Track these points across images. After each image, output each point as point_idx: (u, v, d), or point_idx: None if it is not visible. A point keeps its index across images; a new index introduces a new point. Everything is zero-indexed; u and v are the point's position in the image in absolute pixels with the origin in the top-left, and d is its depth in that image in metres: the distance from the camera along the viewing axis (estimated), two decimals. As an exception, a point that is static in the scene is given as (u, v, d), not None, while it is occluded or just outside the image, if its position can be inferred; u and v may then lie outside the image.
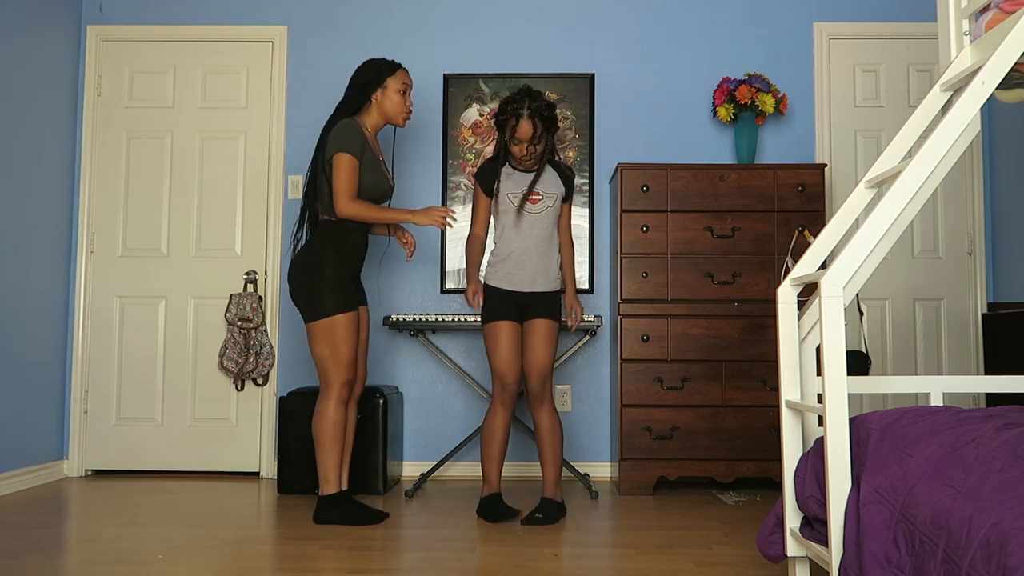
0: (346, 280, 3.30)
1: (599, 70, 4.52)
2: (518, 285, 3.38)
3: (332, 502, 3.27)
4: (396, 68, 3.40)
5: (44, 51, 4.25)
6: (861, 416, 2.08)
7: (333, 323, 3.22)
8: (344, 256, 3.30)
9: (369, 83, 3.36)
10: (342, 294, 3.26)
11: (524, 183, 3.39)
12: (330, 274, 3.25)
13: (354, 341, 3.28)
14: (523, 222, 3.37)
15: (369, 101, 3.38)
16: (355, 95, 3.37)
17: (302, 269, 3.28)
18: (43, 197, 4.24)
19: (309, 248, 3.31)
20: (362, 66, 3.43)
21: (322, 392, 3.29)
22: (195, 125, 4.54)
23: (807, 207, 4.00)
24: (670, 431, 3.93)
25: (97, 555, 2.85)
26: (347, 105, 3.38)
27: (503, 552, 2.89)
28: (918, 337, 4.45)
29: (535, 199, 3.37)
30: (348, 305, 3.26)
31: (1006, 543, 1.39)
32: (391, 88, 3.37)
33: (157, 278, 4.48)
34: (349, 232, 3.32)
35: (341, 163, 3.22)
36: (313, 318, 3.25)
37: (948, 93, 2.29)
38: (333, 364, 3.24)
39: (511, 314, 3.39)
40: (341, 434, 3.28)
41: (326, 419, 3.25)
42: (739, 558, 2.79)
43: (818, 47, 4.50)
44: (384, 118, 3.41)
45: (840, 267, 1.92)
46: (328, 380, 3.26)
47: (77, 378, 4.41)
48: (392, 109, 3.39)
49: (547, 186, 3.41)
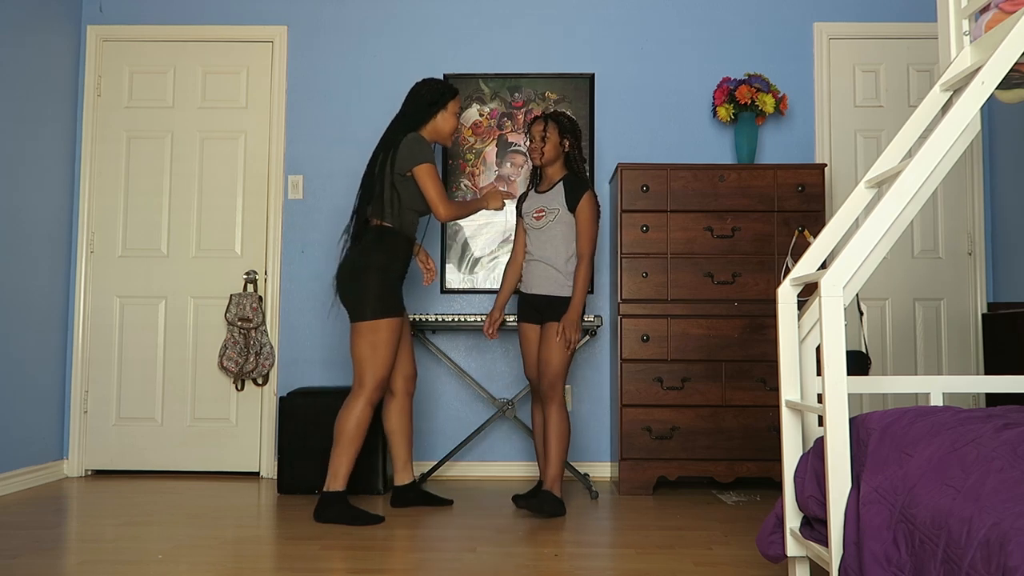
0: (394, 285, 3.43)
1: (599, 70, 4.52)
2: (530, 288, 3.64)
3: (336, 499, 3.32)
4: (456, 93, 3.60)
5: (44, 51, 4.25)
6: (861, 416, 2.08)
7: (378, 326, 3.34)
8: (395, 262, 3.44)
9: (435, 103, 3.54)
10: (391, 299, 3.39)
11: (537, 202, 3.67)
12: (380, 278, 3.37)
13: (395, 345, 3.40)
14: (533, 235, 3.66)
15: (430, 120, 3.53)
16: (419, 112, 3.53)
17: (353, 271, 3.39)
18: (43, 197, 4.24)
19: (362, 251, 3.42)
20: (425, 85, 3.58)
21: (354, 391, 3.37)
22: (195, 125, 4.54)
23: (807, 207, 4.00)
24: (670, 431, 3.93)
25: (97, 555, 2.85)
26: (409, 120, 3.52)
27: (503, 552, 2.89)
28: (918, 337, 4.45)
29: (539, 215, 3.63)
30: (395, 311, 3.39)
31: (1006, 543, 1.39)
32: (450, 111, 3.57)
33: (157, 278, 4.48)
34: (400, 240, 3.45)
35: (428, 173, 3.40)
36: (359, 319, 3.35)
37: (948, 93, 2.30)
38: (371, 366, 3.34)
39: (529, 316, 3.66)
40: (363, 435, 3.36)
41: (354, 417, 3.34)
42: (739, 558, 2.79)
43: (818, 47, 4.50)
44: (437, 136, 3.58)
45: (840, 267, 1.92)
46: (363, 380, 3.35)
47: (77, 378, 4.42)
48: (447, 130, 3.59)
49: (549, 202, 3.62)
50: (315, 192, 4.49)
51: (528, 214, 3.68)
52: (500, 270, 4.43)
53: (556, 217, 3.59)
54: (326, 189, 4.49)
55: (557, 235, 3.58)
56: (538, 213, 3.63)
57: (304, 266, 4.47)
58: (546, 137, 3.61)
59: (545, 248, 3.60)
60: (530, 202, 3.71)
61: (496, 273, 4.43)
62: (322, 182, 4.49)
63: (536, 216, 3.63)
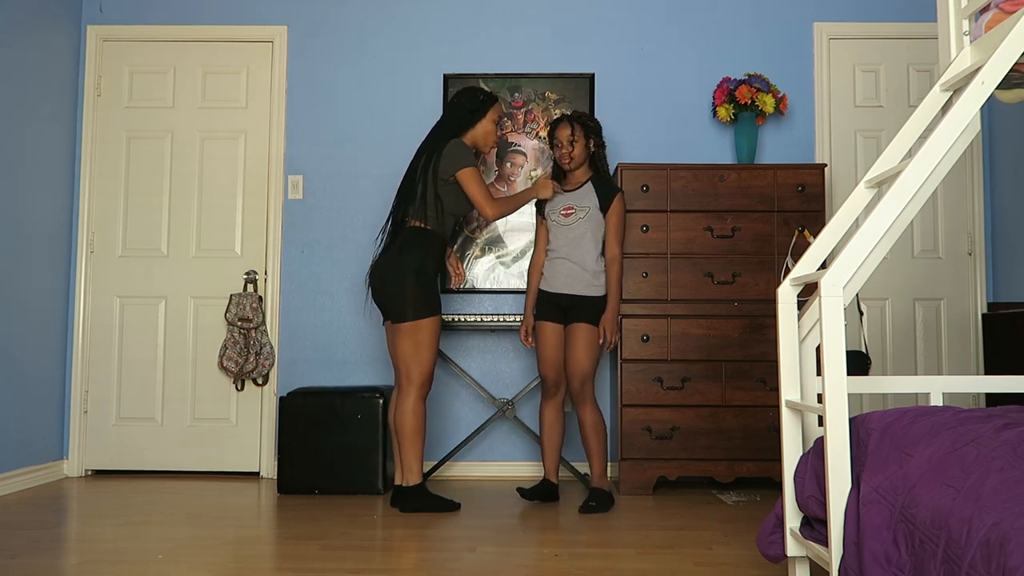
0: (431, 285, 3.53)
1: (599, 70, 4.52)
2: (555, 287, 3.67)
3: (417, 492, 3.49)
4: (495, 100, 3.70)
5: (44, 51, 4.25)
6: (861, 416, 2.08)
7: (419, 326, 3.46)
8: (430, 263, 3.53)
9: (476, 111, 3.65)
10: (430, 298, 3.50)
11: (564, 201, 3.70)
12: (417, 279, 3.47)
13: (437, 341, 3.52)
14: (559, 233, 3.67)
15: (471, 127, 3.63)
16: (461, 118, 3.64)
17: (391, 271, 3.49)
18: (43, 197, 4.24)
19: (399, 251, 3.50)
20: (466, 93, 3.72)
21: (403, 389, 3.51)
22: (195, 125, 4.54)
23: (807, 207, 4.00)
24: (670, 431, 3.93)
25: (97, 555, 2.85)
26: (452, 125, 3.64)
27: (503, 552, 2.90)
28: (918, 337, 4.45)
29: (568, 212, 3.67)
30: (435, 310, 3.50)
31: (1006, 543, 1.39)
32: (489, 118, 3.67)
33: (157, 278, 4.48)
34: (437, 241, 3.55)
35: (472, 177, 3.51)
36: (401, 320, 3.46)
37: (948, 93, 2.29)
38: (416, 362, 3.47)
39: (551, 314, 3.68)
40: (423, 427, 3.51)
41: (410, 414, 3.48)
42: (739, 558, 2.79)
43: (818, 47, 4.50)
44: (475, 143, 3.67)
45: (840, 267, 1.92)
46: (411, 376, 3.48)
47: (77, 378, 4.42)
48: (486, 138, 3.69)
49: (580, 200, 3.68)
50: (315, 192, 4.49)
51: (554, 212, 3.70)
52: (500, 270, 4.43)
53: (587, 215, 3.63)
54: (326, 189, 4.49)
55: (587, 233, 3.63)
56: (567, 211, 3.66)
57: (304, 266, 4.47)
58: (574, 141, 3.65)
59: (574, 246, 3.63)
60: (556, 200, 3.72)
61: (496, 273, 4.43)
62: (322, 182, 4.49)
63: (564, 213, 3.66)
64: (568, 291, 3.63)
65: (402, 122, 4.45)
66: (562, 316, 3.66)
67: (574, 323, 3.61)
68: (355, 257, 4.44)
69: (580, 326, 3.59)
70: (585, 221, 3.63)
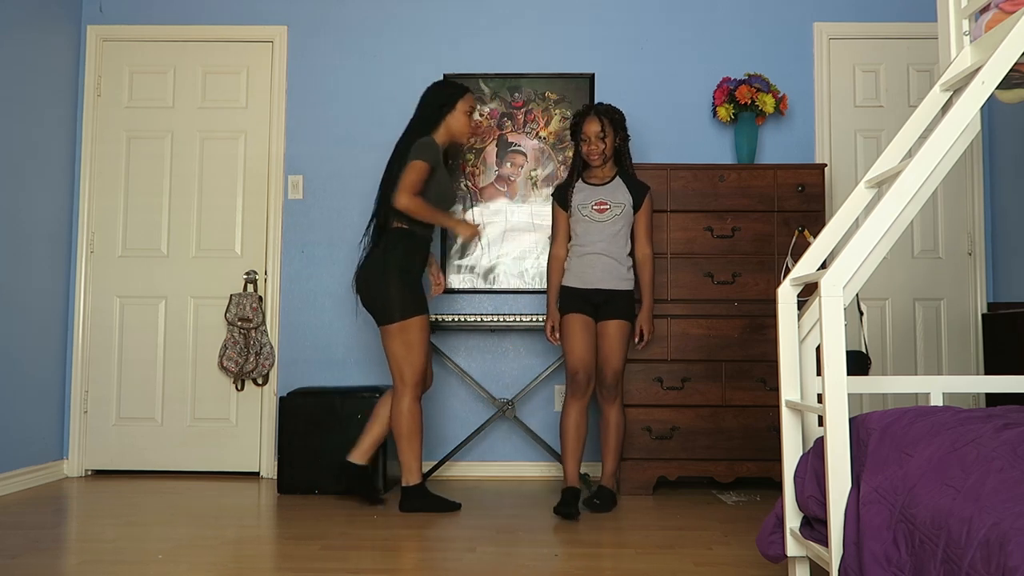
0: (415, 284, 3.53)
1: (599, 70, 4.51)
2: (589, 283, 3.59)
3: (416, 492, 3.51)
4: (465, 91, 3.68)
5: (44, 51, 4.25)
6: (861, 416, 2.08)
7: (407, 326, 3.46)
8: (414, 263, 3.54)
9: (444, 105, 3.62)
10: (416, 298, 3.50)
11: (595, 195, 3.61)
12: (402, 279, 3.48)
13: (427, 340, 3.53)
14: (592, 228, 3.59)
15: (441, 121, 3.61)
16: (429, 116, 3.62)
17: (375, 273, 3.50)
18: (43, 197, 4.24)
19: (383, 253, 3.51)
20: (433, 89, 3.69)
21: (398, 390, 3.51)
22: (195, 125, 4.54)
23: (807, 207, 4.00)
24: (670, 431, 3.93)
25: (97, 555, 2.85)
26: (421, 124, 3.61)
27: (503, 552, 2.90)
28: (918, 337, 4.45)
29: (602, 207, 3.59)
30: (421, 309, 3.51)
31: (1006, 543, 1.39)
32: (459, 110, 3.64)
33: (157, 278, 4.48)
34: (419, 241, 3.56)
35: (414, 167, 3.46)
36: (388, 321, 3.46)
37: (948, 93, 2.29)
38: (408, 363, 3.48)
39: (580, 308, 3.59)
40: (419, 427, 3.53)
41: (405, 414, 3.49)
42: (739, 558, 2.79)
43: (818, 47, 4.50)
44: (451, 136, 3.67)
45: (840, 267, 1.92)
46: (404, 378, 3.49)
47: (77, 378, 4.41)
48: (459, 129, 3.66)
49: (614, 196, 3.61)
50: (315, 192, 4.49)
51: (585, 206, 3.60)
52: (500, 270, 4.43)
53: (623, 211, 3.60)
54: (326, 189, 4.49)
55: (621, 229, 3.61)
56: (600, 205, 3.58)
57: (304, 266, 4.47)
58: (604, 136, 3.58)
59: (611, 242, 3.58)
60: (584, 194, 3.63)
61: (496, 273, 4.43)
62: (322, 182, 4.49)
63: (598, 208, 3.58)
64: (604, 286, 3.57)
65: (402, 122, 4.38)
66: (593, 311, 3.59)
67: (608, 319, 3.57)
68: (355, 257, 4.40)
69: (615, 322, 3.56)
70: (621, 217, 3.59)
